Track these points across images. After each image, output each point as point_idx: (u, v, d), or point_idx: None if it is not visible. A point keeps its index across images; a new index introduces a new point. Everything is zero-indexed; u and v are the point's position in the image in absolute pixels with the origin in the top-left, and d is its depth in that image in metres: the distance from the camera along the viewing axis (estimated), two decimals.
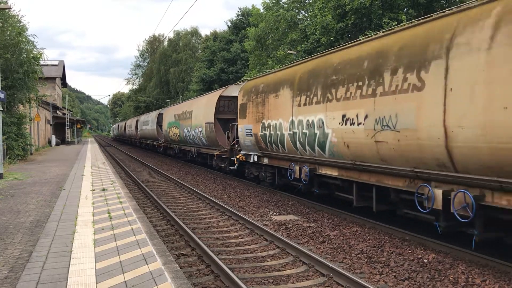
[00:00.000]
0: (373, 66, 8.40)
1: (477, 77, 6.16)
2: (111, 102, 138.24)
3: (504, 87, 5.80)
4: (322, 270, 6.63)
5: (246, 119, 14.82)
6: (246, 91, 15.14)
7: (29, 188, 13.05)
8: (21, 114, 25.83)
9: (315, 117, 10.40)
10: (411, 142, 7.39)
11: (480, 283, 6.02)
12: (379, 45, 8.56)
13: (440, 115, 6.71)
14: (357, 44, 9.60)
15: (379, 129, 8.15)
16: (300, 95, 11.22)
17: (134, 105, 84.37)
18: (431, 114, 6.90)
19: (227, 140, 17.65)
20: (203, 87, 50.25)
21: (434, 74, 6.88)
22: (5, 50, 21.42)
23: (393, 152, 7.91)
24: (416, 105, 7.21)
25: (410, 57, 7.44)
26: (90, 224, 7.89)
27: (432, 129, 6.90)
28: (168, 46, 75.97)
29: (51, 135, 47.82)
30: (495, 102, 5.90)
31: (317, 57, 11.48)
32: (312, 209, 11.39)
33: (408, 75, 7.41)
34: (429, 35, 7.24)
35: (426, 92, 7.02)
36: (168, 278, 5.07)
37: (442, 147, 6.75)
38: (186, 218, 10.75)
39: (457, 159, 6.60)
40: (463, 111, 6.35)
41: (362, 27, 23.15)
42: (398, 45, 7.93)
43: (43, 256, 5.97)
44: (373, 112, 8.29)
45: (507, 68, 5.78)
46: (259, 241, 8.58)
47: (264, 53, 34.54)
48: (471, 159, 6.38)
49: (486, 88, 6.04)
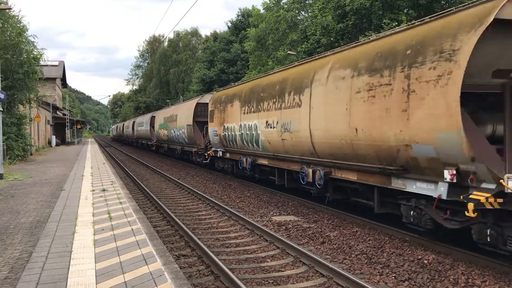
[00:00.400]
0: (280, 89, 12.48)
1: (322, 100, 10.07)
2: (111, 103, 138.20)
3: (331, 107, 9.63)
4: (322, 270, 6.63)
5: (213, 122, 18.67)
6: (213, 101, 19.14)
7: (29, 188, 13.05)
8: (21, 115, 25.84)
9: (253, 122, 14.35)
10: (297, 139, 11.39)
11: (480, 284, 6.02)
12: (284, 75, 12.81)
13: (308, 122, 10.64)
14: (275, 73, 14.17)
15: (283, 131, 12.09)
16: (245, 105, 15.15)
17: (134, 106, 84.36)
18: (305, 122, 10.80)
19: (202, 139, 21.38)
20: (203, 88, 50.25)
21: (305, 97, 10.84)
22: (5, 50, 21.44)
23: (290, 146, 11.90)
24: (298, 116, 11.19)
25: (296, 85, 11.47)
26: (90, 225, 7.89)
27: (305, 131, 10.82)
28: (168, 47, 75.95)
29: (51, 135, 47.83)
30: (328, 115, 9.77)
31: (255, 79, 16.00)
32: (312, 210, 11.39)
33: (295, 96, 11.38)
34: (304, 72, 11.38)
35: (302, 108, 10.99)
36: (168, 278, 5.07)
37: (309, 142, 10.74)
38: (186, 218, 10.75)
39: (317, 149, 10.56)
40: (317, 120, 10.27)
41: (362, 28, 23.17)
42: (292, 77, 12.07)
43: (43, 257, 5.97)
44: (280, 119, 12.27)
45: (332, 96, 9.62)
46: (259, 241, 8.58)
47: (264, 54, 34.54)
48: (322, 149, 10.33)
49: (324, 107, 9.95)
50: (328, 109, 9.75)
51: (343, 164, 9.59)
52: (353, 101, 8.85)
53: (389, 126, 7.84)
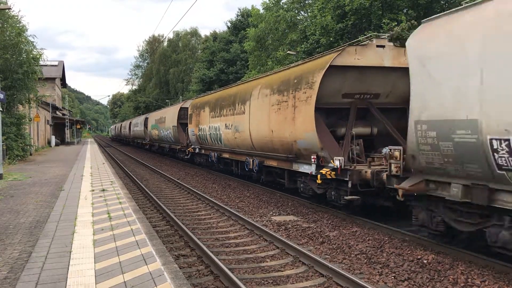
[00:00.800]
0: (233, 100, 16.19)
1: (255, 110, 13.86)
2: (111, 103, 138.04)
3: (260, 115, 13.36)
4: (321, 270, 6.63)
5: (192, 124, 22.38)
6: (192, 106, 23.00)
7: (29, 188, 13.05)
8: (21, 115, 25.83)
9: (217, 124, 17.93)
10: (243, 138, 15.00)
11: (479, 283, 6.03)
12: (236, 90, 16.75)
13: (248, 125, 14.35)
14: (231, 87, 18.46)
15: (235, 131, 15.65)
16: (212, 111, 18.82)
17: (134, 106, 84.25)
18: (247, 125, 14.48)
19: (185, 138, 24.73)
20: (203, 88, 50.22)
21: (247, 106, 14.53)
22: (4, 50, 21.43)
23: (240, 142, 15.47)
24: (243, 120, 14.81)
25: (242, 98, 15.18)
26: (89, 225, 7.89)
27: (247, 131, 14.50)
28: (167, 47, 75.91)
29: (51, 135, 47.81)
30: (259, 120, 13.45)
31: (219, 91, 20.28)
32: (312, 210, 11.39)
33: (242, 106, 15.06)
34: (247, 89, 15.17)
35: (245, 115, 14.63)
36: (168, 278, 5.07)
37: (249, 140, 14.46)
38: (185, 218, 10.75)
39: (254, 145, 14.26)
40: (253, 124, 13.97)
41: (362, 28, 23.16)
42: (240, 91, 15.94)
43: (43, 257, 5.96)
44: (233, 122, 15.84)
45: (260, 107, 13.31)
46: (258, 241, 8.58)
47: (264, 54, 34.52)
48: (257, 145, 14.01)
49: (257, 115, 13.72)
50: (259, 116, 13.61)
51: (268, 155, 13.42)
52: (270, 111, 12.68)
53: (287, 128, 11.67)
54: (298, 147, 11.22)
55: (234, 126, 15.72)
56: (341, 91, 10.58)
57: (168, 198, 13.93)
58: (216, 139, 18.13)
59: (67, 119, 55.25)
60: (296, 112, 11.00)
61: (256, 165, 14.03)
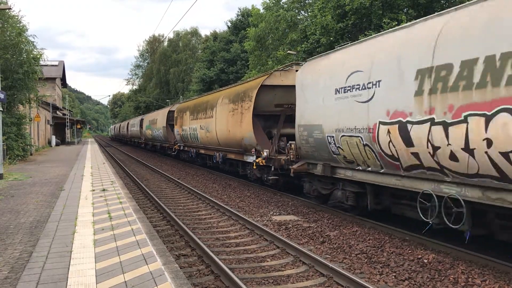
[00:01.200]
0: (205, 106, 19.89)
1: (219, 115, 17.28)
2: (111, 103, 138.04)
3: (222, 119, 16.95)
4: (322, 270, 6.63)
5: (177, 125, 25.80)
6: (177, 110, 26.73)
7: (29, 188, 13.05)
8: (21, 115, 25.83)
9: (195, 126, 21.43)
10: (212, 136, 18.48)
11: (480, 283, 6.02)
12: (207, 98, 20.71)
13: (215, 126, 17.79)
14: (206, 95, 22.63)
15: (207, 131, 19.22)
16: (192, 114, 22.26)
17: (134, 106, 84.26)
18: (214, 126, 17.98)
19: (172, 138, 28.07)
20: (203, 87, 50.23)
21: (214, 112, 18.01)
22: (5, 50, 21.43)
23: (211, 140, 18.94)
24: (212, 123, 18.30)
25: (211, 105, 18.75)
26: (90, 225, 7.89)
27: (214, 131, 17.96)
28: (168, 47, 75.92)
29: (51, 135, 47.81)
30: (222, 123, 17.01)
31: (196, 98, 24.86)
32: (312, 210, 11.39)
33: (211, 111, 18.54)
34: (215, 98, 18.96)
35: (213, 118, 18.09)
36: (168, 278, 5.07)
37: (216, 138, 17.87)
38: (186, 218, 10.75)
39: (219, 142, 17.63)
40: (218, 125, 17.40)
41: (362, 27, 23.16)
42: (210, 99, 19.73)
43: (43, 257, 5.97)
44: (205, 124, 19.40)
45: (223, 112, 16.90)
46: (259, 241, 8.58)
47: (264, 53, 34.51)
48: (224, 142, 17.03)
49: (220, 118, 17.21)
50: (221, 119, 17.21)
51: (228, 149, 17.01)
52: (228, 116, 16.36)
53: (237, 129, 15.44)
54: (244, 143, 15.08)
55: (206, 127, 19.36)
56: (273, 102, 14.37)
57: (169, 198, 13.94)
58: (195, 137, 21.68)
59: (67, 119, 55.26)
60: (242, 117, 14.82)
61: (221, 158, 17.95)
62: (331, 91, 9.67)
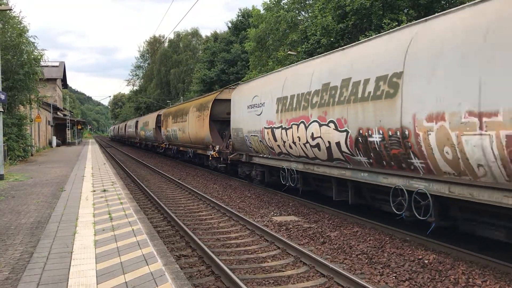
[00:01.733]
0: (182, 112, 24.84)
1: (191, 120, 22.32)
2: (112, 103, 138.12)
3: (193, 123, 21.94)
4: (322, 270, 6.63)
5: (163, 127, 31.00)
6: (163, 114, 31.68)
7: (30, 189, 13.06)
8: (22, 115, 25.84)
9: (175, 128, 26.12)
10: (186, 136, 23.36)
11: (480, 283, 6.02)
12: (184, 106, 25.82)
13: (188, 129, 23.04)
14: (183, 103, 28.81)
15: (183, 132, 23.96)
16: (173, 118, 27.15)
17: (135, 106, 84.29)
18: (187, 128, 23.04)
19: (160, 137, 32.84)
20: (204, 88, 50.25)
21: (187, 117, 23.16)
22: (6, 51, 21.42)
23: (185, 139, 23.86)
24: (187, 125, 23.12)
25: (186, 111, 23.59)
26: (90, 225, 7.90)
27: (187, 133, 23.12)
28: (168, 47, 75.95)
29: (52, 136, 47.84)
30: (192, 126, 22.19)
31: (177, 105, 30.31)
32: (313, 210, 11.39)
33: (185, 116, 23.43)
34: (188, 106, 24.30)
35: (187, 122, 23.16)
36: (169, 278, 5.08)
37: (189, 138, 23.00)
38: (186, 219, 10.76)
39: (192, 140, 22.72)
40: (190, 128, 22.53)
41: (363, 28, 23.16)
42: (185, 107, 24.52)
43: (44, 257, 5.98)
44: (182, 127, 24.16)
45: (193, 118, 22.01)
46: (259, 241, 8.58)
47: (265, 54, 34.52)
48: (194, 140, 22.14)
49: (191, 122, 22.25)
50: (191, 123, 21.91)
51: (197, 146, 21.77)
52: (195, 121, 21.16)
53: (200, 130, 20.24)
54: (205, 141, 19.91)
55: (182, 129, 24.16)
56: (225, 111, 18.25)
57: (169, 199, 13.94)
58: (175, 137, 26.67)
59: (68, 119, 55.30)
60: (204, 122, 19.74)
61: (192, 153, 23.78)
62: (245, 107, 14.86)
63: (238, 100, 15.82)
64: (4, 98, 16.29)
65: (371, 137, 8.42)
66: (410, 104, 7.39)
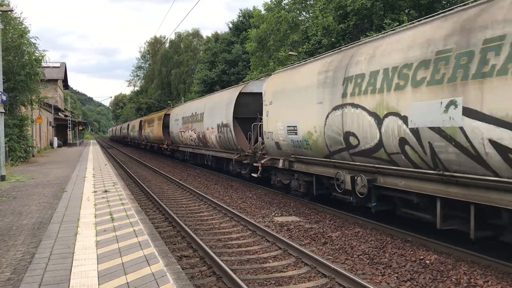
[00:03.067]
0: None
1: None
2: (113, 104, 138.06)
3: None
4: (324, 271, 6.63)
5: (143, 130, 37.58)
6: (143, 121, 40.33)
7: (31, 190, 13.08)
8: (23, 116, 25.86)
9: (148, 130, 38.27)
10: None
11: (482, 284, 6.01)
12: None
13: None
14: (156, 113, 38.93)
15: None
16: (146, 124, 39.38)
17: (136, 107, 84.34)
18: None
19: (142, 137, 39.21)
20: (205, 89, 50.23)
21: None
22: (7, 52, 21.45)
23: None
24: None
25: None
26: (92, 226, 7.90)
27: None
28: (169, 48, 75.97)
29: (53, 137, 47.89)
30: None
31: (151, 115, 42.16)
32: (314, 210, 11.39)
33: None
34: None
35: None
36: (170, 279, 5.08)
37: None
38: (188, 219, 10.76)
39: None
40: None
41: (363, 28, 23.14)
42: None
43: (46, 258, 5.98)
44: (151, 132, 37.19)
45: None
46: (261, 242, 8.58)
47: (266, 54, 34.52)
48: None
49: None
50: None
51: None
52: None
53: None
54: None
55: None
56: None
57: (171, 199, 13.94)
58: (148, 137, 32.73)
59: (69, 120, 55.33)
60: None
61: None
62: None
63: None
64: (5, 99, 16.31)
65: None
66: None
